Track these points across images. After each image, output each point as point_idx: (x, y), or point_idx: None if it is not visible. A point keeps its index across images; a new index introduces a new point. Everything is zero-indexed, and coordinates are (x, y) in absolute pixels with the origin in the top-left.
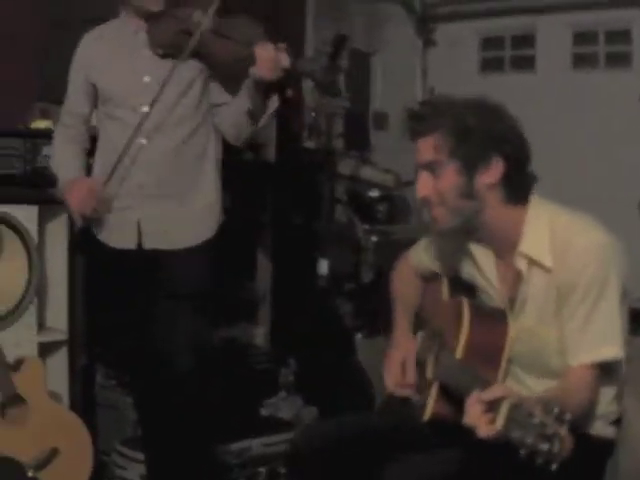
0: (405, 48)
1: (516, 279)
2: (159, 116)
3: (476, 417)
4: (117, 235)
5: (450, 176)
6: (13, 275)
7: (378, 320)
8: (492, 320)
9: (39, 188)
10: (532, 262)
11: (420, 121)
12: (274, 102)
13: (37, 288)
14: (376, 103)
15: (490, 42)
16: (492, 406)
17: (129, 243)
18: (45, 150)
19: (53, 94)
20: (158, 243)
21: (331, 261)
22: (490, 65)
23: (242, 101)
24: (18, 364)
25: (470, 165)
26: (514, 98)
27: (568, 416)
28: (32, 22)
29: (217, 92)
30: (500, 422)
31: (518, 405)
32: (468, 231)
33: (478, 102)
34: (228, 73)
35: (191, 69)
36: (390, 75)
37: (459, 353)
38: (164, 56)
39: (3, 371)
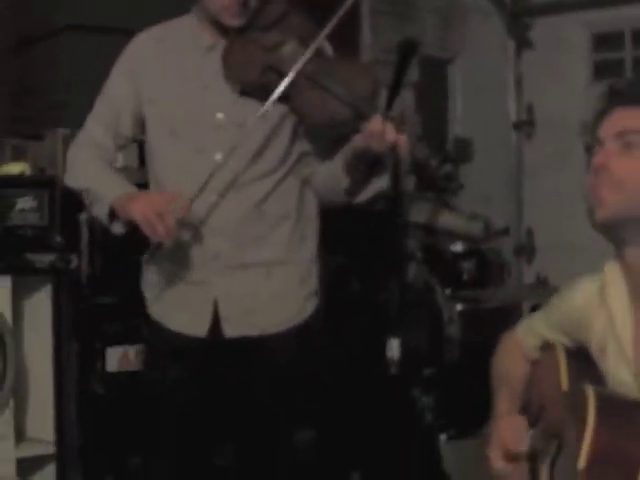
0: (493, 52)
1: None
2: (236, 168)
3: None
4: (184, 317)
5: None
6: None
7: (468, 415)
8: (627, 417)
9: (13, 253)
10: None
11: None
12: (381, 181)
13: (13, 387)
14: (456, 127)
15: (605, 40)
16: None
17: (199, 328)
18: (20, 203)
19: (29, 127)
20: (243, 329)
21: (403, 340)
22: (606, 70)
23: (338, 174)
24: None
25: None
26: None
27: None
28: None
29: (309, 138)
30: None
31: None
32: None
33: None
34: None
35: (278, 111)
36: (473, 88)
37: (582, 461)
38: (243, 94)
39: None
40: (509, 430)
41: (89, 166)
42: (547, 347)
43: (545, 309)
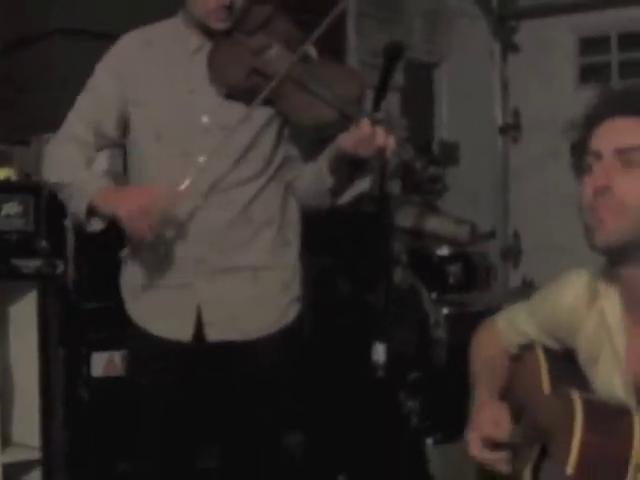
0: (479, 55)
1: None
2: (220, 171)
3: None
4: (167, 321)
5: None
6: None
7: (454, 419)
8: (614, 422)
9: None
10: None
11: (629, 96)
12: (364, 182)
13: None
14: (442, 130)
15: (591, 43)
16: None
17: (183, 333)
18: (5, 208)
19: (14, 133)
20: (225, 333)
21: (389, 343)
22: (592, 73)
23: (323, 175)
24: None
25: None
26: None
27: None
28: None
29: (293, 141)
30: None
31: None
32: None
33: None
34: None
35: (264, 114)
36: (460, 92)
37: (570, 467)
38: (229, 97)
39: None
40: (489, 416)
41: (69, 160)
42: (527, 346)
43: (529, 304)
